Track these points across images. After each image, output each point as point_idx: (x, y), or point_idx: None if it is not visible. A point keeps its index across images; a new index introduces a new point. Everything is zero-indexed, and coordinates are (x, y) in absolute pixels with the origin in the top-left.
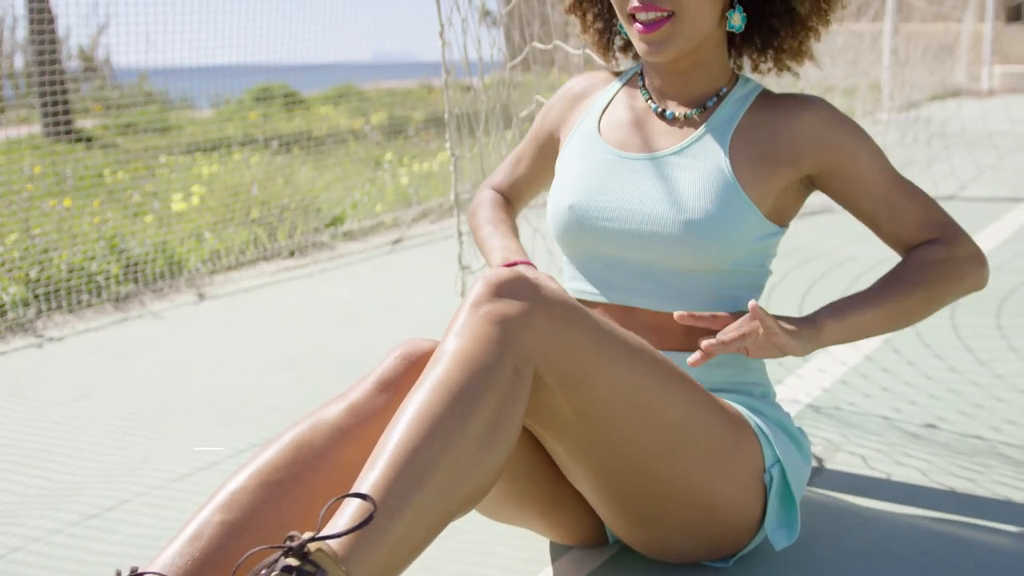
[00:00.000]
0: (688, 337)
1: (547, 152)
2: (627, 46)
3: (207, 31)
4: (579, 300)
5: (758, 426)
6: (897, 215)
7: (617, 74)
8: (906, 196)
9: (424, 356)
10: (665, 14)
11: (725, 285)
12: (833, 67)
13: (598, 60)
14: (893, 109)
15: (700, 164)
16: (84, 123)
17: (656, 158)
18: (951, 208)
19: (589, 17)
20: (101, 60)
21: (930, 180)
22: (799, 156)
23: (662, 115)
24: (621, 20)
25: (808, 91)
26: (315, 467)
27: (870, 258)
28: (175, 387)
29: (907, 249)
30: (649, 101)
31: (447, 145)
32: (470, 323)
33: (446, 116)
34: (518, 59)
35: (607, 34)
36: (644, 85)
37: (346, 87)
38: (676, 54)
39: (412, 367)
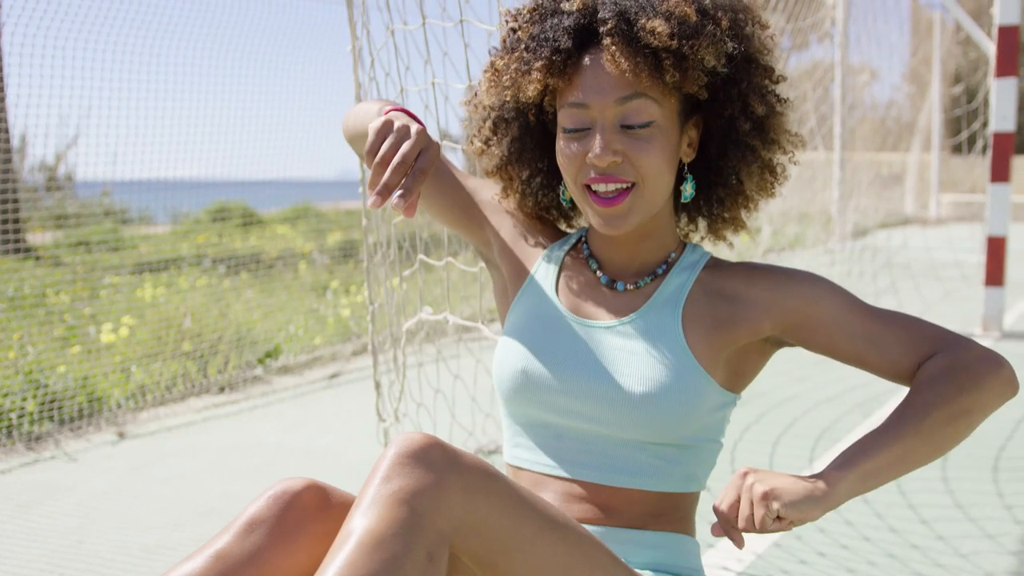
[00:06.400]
0: (632, 515)
1: (475, 212)
2: (564, 216)
3: (173, 146)
4: (521, 469)
5: None
6: (881, 345)
7: (558, 233)
8: (884, 322)
9: (297, 496)
10: (626, 185)
11: (678, 461)
12: (788, 194)
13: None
14: (843, 238)
15: (654, 334)
16: (41, 238)
17: (611, 328)
18: None
19: (523, 178)
20: (63, 174)
21: None
22: (758, 321)
23: (611, 286)
24: (571, 190)
25: (762, 218)
26: None
27: (809, 399)
28: (73, 544)
29: (909, 377)
30: (598, 271)
31: (365, 293)
32: (379, 501)
33: (364, 264)
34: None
35: (544, 200)
36: (591, 254)
37: (304, 207)
38: (634, 227)
39: (285, 507)
